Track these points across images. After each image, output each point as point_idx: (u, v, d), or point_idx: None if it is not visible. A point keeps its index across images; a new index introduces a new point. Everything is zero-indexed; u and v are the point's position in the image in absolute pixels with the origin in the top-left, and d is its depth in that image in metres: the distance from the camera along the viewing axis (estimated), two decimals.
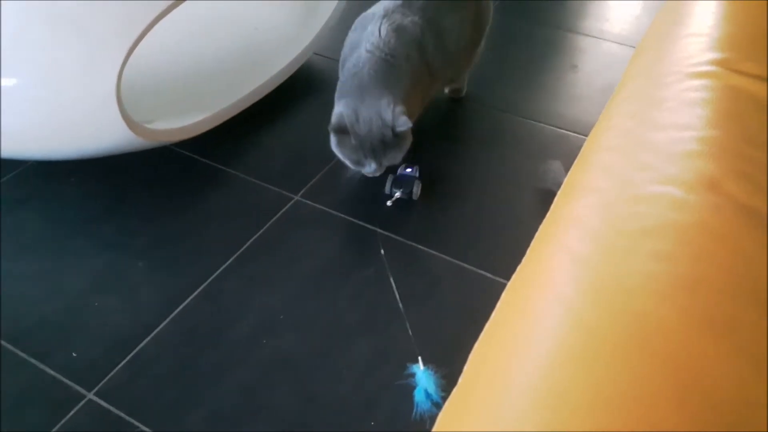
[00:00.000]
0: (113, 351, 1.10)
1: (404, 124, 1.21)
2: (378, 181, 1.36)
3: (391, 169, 1.39)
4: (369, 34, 1.30)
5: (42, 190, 1.41)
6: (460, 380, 0.56)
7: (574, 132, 1.57)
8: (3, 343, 1.11)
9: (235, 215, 1.36)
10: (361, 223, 1.32)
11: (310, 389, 1.05)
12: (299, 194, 1.38)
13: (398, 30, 1.30)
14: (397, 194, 1.34)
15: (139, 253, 1.27)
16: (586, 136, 1.53)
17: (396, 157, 1.27)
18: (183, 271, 1.23)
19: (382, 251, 1.25)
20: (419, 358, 1.06)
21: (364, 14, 1.39)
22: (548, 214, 0.67)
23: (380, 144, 1.23)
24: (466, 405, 0.52)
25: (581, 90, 1.75)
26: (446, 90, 1.66)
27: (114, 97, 1.19)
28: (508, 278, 1.19)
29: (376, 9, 1.37)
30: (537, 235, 0.66)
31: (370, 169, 1.27)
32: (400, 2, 1.35)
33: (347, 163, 1.29)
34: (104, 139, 1.28)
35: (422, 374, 1.04)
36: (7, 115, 1.22)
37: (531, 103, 1.69)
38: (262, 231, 1.31)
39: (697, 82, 0.75)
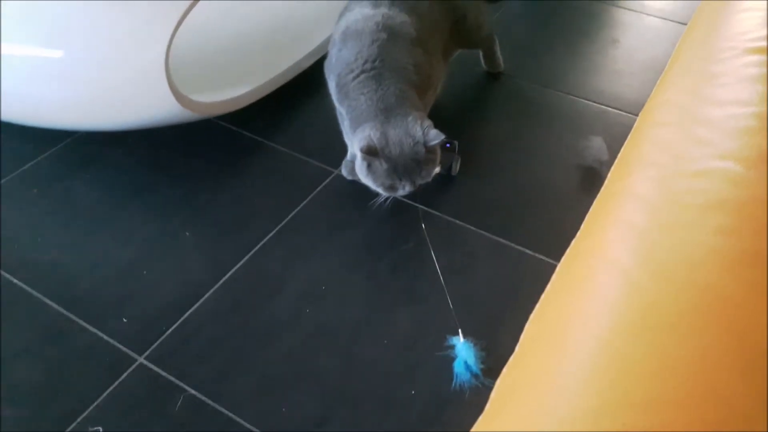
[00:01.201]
0: (162, 317, 1.13)
1: (436, 137, 1.18)
2: None
3: None
4: (371, 56, 1.23)
5: (92, 160, 1.44)
6: (518, 348, 0.57)
7: (615, 108, 1.55)
8: (58, 307, 1.15)
9: (277, 187, 1.38)
10: (401, 197, 1.33)
11: (353, 357, 1.07)
12: (339, 168, 1.39)
13: (396, 39, 1.26)
14: (437, 169, 1.34)
15: (186, 223, 1.30)
16: (628, 112, 1.53)
17: (430, 173, 1.23)
18: (228, 241, 1.26)
19: (423, 225, 1.26)
20: (459, 330, 1.08)
21: (344, 30, 1.30)
22: (603, 188, 0.67)
23: (413, 163, 1.19)
24: (524, 372, 0.54)
25: (623, 65, 1.72)
26: (483, 65, 1.65)
27: (163, 70, 1.21)
28: (547, 254, 1.21)
29: (355, 23, 1.29)
30: (592, 208, 0.66)
31: (403, 191, 1.23)
32: (375, 9, 1.29)
33: (379, 190, 1.23)
34: (152, 111, 1.30)
35: (462, 346, 1.05)
36: (59, 87, 1.25)
37: (571, 77, 1.67)
38: (304, 203, 1.33)
39: (754, 58, 0.74)
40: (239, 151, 1.47)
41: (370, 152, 1.17)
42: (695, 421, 0.40)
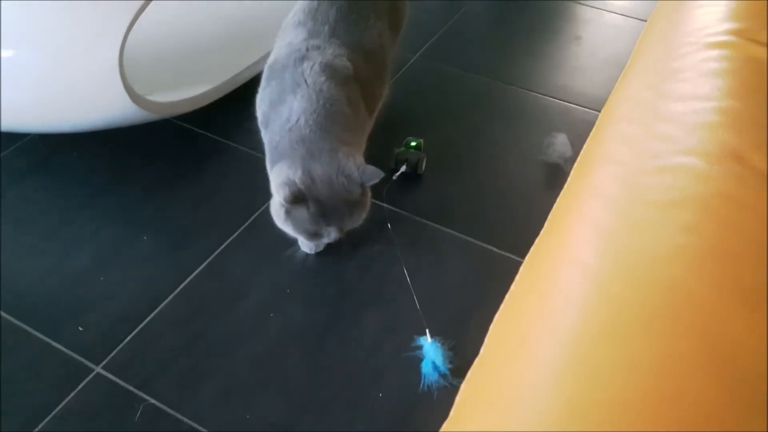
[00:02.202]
0: (120, 325, 1.09)
1: (375, 175, 1.02)
2: (383, 157, 1.35)
3: (397, 143, 1.38)
4: (293, 84, 1.10)
5: (44, 164, 1.39)
6: (482, 351, 0.56)
7: (579, 105, 1.56)
8: (9, 317, 1.10)
9: (238, 189, 1.35)
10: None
11: (319, 361, 1.06)
12: None
13: (327, 71, 1.11)
14: (403, 168, 1.33)
15: (144, 227, 1.26)
16: (591, 108, 1.54)
17: (361, 216, 1.08)
18: (188, 244, 1.23)
19: (389, 226, 1.25)
20: (427, 330, 1.07)
21: (271, 65, 1.18)
22: (566, 186, 0.66)
23: (344, 205, 1.03)
24: (489, 376, 0.52)
25: (585, 61, 1.73)
26: None
27: (117, 69, 1.17)
28: (513, 252, 1.21)
29: (284, 57, 1.16)
30: (555, 206, 0.65)
31: (329, 239, 1.08)
32: (308, 40, 1.15)
33: (301, 237, 1.08)
34: (107, 112, 1.26)
35: (430, 346, 1.05)
36: (9, 88, 1.20)
37: (535, 74, 1.68)
38: (266, 205, 1.30)
39: (714, 53, 0.75)
40: (199, 152, 1.43)
41: (296, 200, 1.00)
42: (666, 424, 0.39)
